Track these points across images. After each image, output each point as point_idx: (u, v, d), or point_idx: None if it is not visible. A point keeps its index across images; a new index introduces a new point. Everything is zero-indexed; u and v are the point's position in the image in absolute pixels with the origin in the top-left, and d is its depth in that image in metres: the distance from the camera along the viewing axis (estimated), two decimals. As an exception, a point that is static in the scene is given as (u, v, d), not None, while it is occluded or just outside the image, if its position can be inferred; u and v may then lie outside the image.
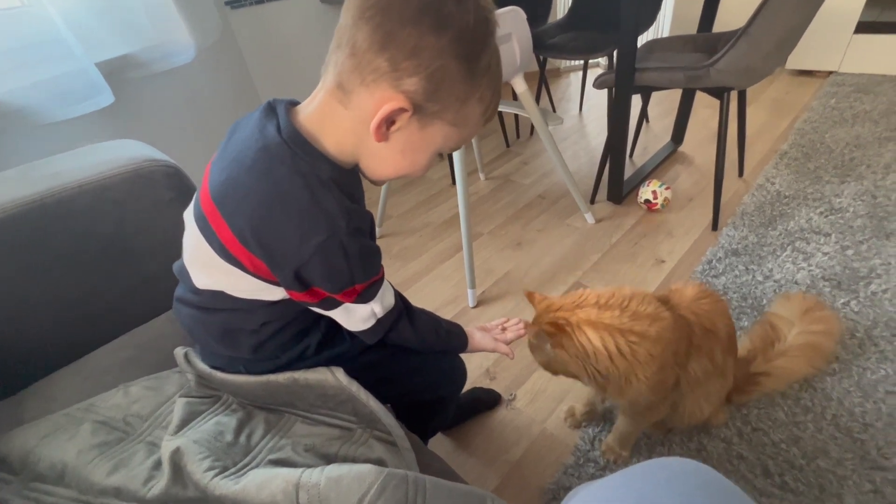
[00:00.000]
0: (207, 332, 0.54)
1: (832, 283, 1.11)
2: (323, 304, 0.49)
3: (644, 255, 1.34)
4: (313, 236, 0.42)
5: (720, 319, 0.71)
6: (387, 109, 0.40)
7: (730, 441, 0.84)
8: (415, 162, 0.47)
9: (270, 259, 0.44)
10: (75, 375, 0.65)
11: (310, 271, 0.44)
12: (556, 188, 1.74)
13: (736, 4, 1.89)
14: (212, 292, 0.50)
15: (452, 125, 0.45)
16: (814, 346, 0.84)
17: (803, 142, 1.72)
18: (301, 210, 0.42)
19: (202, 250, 0.46)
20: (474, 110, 0.45)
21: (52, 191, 0.64)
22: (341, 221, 0.42)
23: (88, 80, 1.10)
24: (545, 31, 1.93)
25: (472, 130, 0.48)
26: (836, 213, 1.34)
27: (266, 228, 0.42)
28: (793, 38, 1.20)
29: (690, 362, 0.68)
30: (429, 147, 0.46)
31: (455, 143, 0.48)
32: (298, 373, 0.52)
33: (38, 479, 0.50)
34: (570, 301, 0.66)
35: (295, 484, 0.40)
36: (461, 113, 0.44)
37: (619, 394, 0.67)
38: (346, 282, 0.46)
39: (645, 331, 0.60)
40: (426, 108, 0.42)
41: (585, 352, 0.61)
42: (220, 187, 0.44)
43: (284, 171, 0.42)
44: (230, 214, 0.43)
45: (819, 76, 2.27)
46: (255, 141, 0.43)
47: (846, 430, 0.82)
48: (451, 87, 0.41)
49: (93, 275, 0.70)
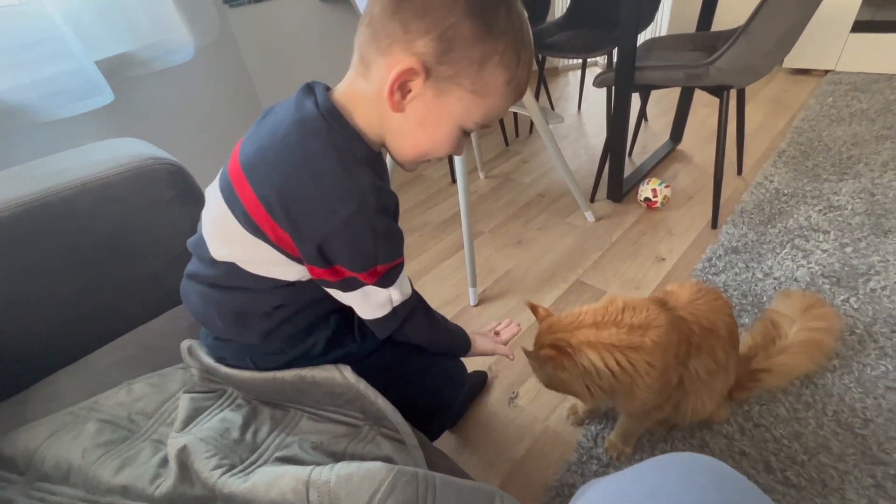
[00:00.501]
0: (220, 312, 0.53)
1: (831, 281, 1.12)
2: (343, 285, 0.48)
3: (644, 253, 1.34)
4: (342, 208, 0.41)
5: (719, 317, 0.71)
6: (397, 71, 0.39)
7: (732, 437, 0.84)
8: (435, 136, 0.45)
9: (295, 230, 0.43)
10: (78, 374, 0.65)
11: (334, 245, 0.43)
12: (555, 187, 1.74)
13: (734, 3, 1.90)
14: (228, 265, 0.49)
15: (472, 92, 0.42)
16: (814, 343, 0.84)
17: (801, 140, 1.73)
18: (333, 181, 0.41)
19: (225, 221, 0.46)
20: (496, 76, 0.42)
21: (55, 189, 0.64)
22: (371, 197, 0.42)
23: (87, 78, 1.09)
24: (544, 29, 1.93)
25: (497, 101, 0.44)
26: (834, 210, 1.34)
27: (294, 197, 0.42)
28: (791, 37, 1.21)
29: (692, 361, 0.69)
30: (448, 118, 0.44)
31: (479, 115, 0.45)
32: (305, 370, 0.52)
33: (44, 478, 0.50)
34: (569, 322, 0.66)
35: (305, 482, 0.40)
36: (480, 78, 0.41)
37: (626, 403, 0.68)
38: (369, 260, 0.45)
39: (641, 343, 0.61)
40: (440, 71, 0.40)
41: (587, 372, 0.62)
42: (252, 156, 0.44)
43: (320, 143, 0.42)
44: (258, 182, 0.43)
45: (816, 75, 2.29)
46: (293, 114, 0.43)
47: (847, 425, 0.83)
48: (464, 47, 0.39)
49: (95, 273, 0.70)
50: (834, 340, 0.86)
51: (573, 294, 1.24)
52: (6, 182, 0.66)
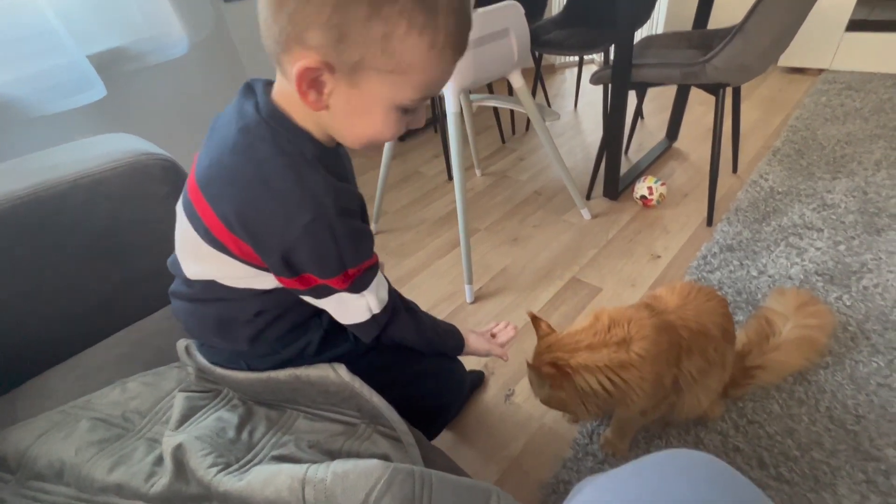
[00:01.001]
0: (202, 324, 0.53)
1: (825, 278, 1.13)
2: (314, 292, 0.47)
3: (640, 250, 1.35)
4: (299, 217, 0.40)
5: (710, 318, 0.71)
6: (297, 70, 0.36)
7: (726, 434, 0.85)
8: (371, 123, 0.41)
9: (256, 243, 0.42)
10: (70, 372, 0.64)
11: (298, 255, 0.42)
12: (552, 184, 1.74)
13: (730, 2, 1.90)
14: (203, 282, 0.49)
15: (390, 72, 0.37)
16: (808, 340, 0.85)
17: (796, 138, 1.74)
18: (286, 190, 0.40)
19: (190, 238, 0.46)
20: (410, 48, 0.36)
21: (47, 184, 0.63)
22: (328, 201, 0.40)
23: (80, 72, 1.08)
24: (541, 26, 1.93)
25: (426, 73, 0.38)
26: (828, 208, 1.35)
27: (251, 211, 0.41)
28: (787, 36, 1.21)
29: (684, 363, 0.69)
30: (376, 104, 0.40)
31: (412, 91, 0.39)
32: (300, 369, 0.52)
33: (36, 477, 0.49)
34: (567, 343, 0.67)
35: (301, 479, 0.40)
36: (391, 56, 0.36)
37: (622, 410, 0.70)
38: (336, 266, 0.44)
39: (629, 359, 0.63)
40: (343, 60, 0.36)
41: (585, 393, 0.64)
42: (205, 172, 0.43)
43: (267, 149, 0.40)
44: (214, 198, 0.42)
45: (811, 74, 2.30)
46: (236, 122, 0.41)
47: (839, 421, 0.84)
48: (359, 28, 0.34)
49: (87, 270, 0.69)
50: (827, 338, 0.87)
51: (569, 291, 1.24)
52: (-3, 177, 0.65)
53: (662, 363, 0.65)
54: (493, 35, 1.05)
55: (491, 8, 1.01)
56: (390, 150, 1.40)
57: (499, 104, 1.55)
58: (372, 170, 2.01)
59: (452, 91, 1.09)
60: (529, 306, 1.21)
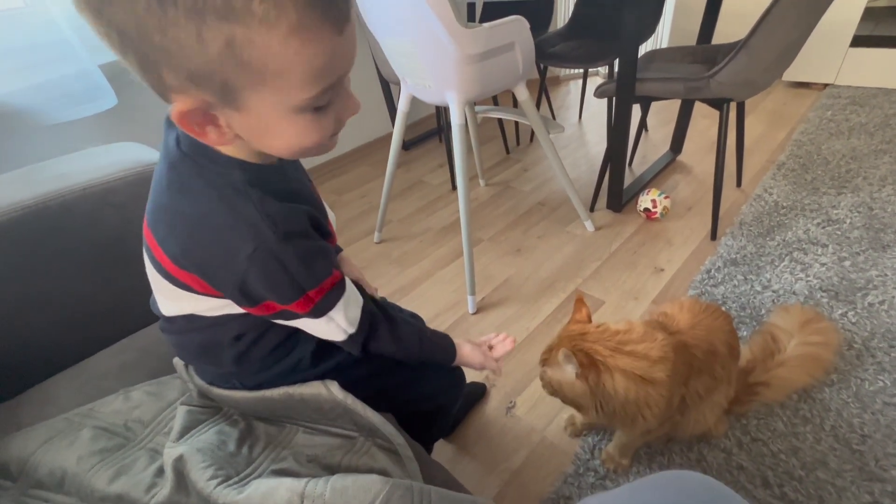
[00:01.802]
0: (188, 352, 0.54)
1: (830, 294, 1.12)
2: (282, 317, 0.46)
3: (643, 263, 1.34)
4: (240, 250, 0.39)
5: (719, 336, 0.71)
6: (175, 117, 0.33)
7: (729, 451, 0.84)
8: (286, 135, 0.37)
9: (209, 279, 0.42)
10: (74, 379, 0.65)
11: (251, 285, 0.41)
12: (555, 195, 1.74)
13: (735, 17, 1.92)
14: (181, 318, 0.49)
15: (262, 83, 0.32)
16: (813, 357, 0.84)
17: (800, 153, 1.74)
18: (222, 225, 0.39)
19: (157, 280, 0.45)
20: (263, 45, 0.30)
21: (57, 193, 0.64)
22: (266, 230, 0.38)
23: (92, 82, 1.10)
24: (546, 39, 1.95)
25: (305, 62, 0.32)
26: (833, 224, 1.35)
27: (195, 249, 0.40)
28: (791, 52, 1.22)
29: (692, 381, 0.69)
30: (274, 117, 0.35)
31: (304, 87, 0.34)
32: (293, 388, 0.51)
33: (38, 485, 0.49)
34: (606, 339, 0.65)
35: (300, 494, 0.40)
36: (247, 64, 0.30)
37: (625, 427, 0.70)
38: (294, 291, 0.42)
39: (659, 378, 0.62)
40: (208, 89, 0.32)
41: (607, 393, 0.63)
42: (151, 215, 0.43)
43: (196, 185, 0.39)
44: (162, 240, 0.42)
45: (815, 88, 2.30)
46: (163, 159, 0.41)
47: (845, 441, 0.83)
48: (192, 50, 0.29)
49: (93, 278, 0.70)
50: (832, 355, 0.86)
51: (572, 303, 1.24)
52: (9, 185, 0.66)
53: (676, 385, 0.65)
54: (499, 49, 1.06)
55: (497, 23, 1.02)
56: (395, 159, 1.41)
57: (503, 116, 1.57)
58: (377, 178, 2.03)
59: (458, 103, 1.10)
60: (532, 318, 1.21)
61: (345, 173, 2.13)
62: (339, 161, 2.26)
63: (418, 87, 1.18)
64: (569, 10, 2.46)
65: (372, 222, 1.66)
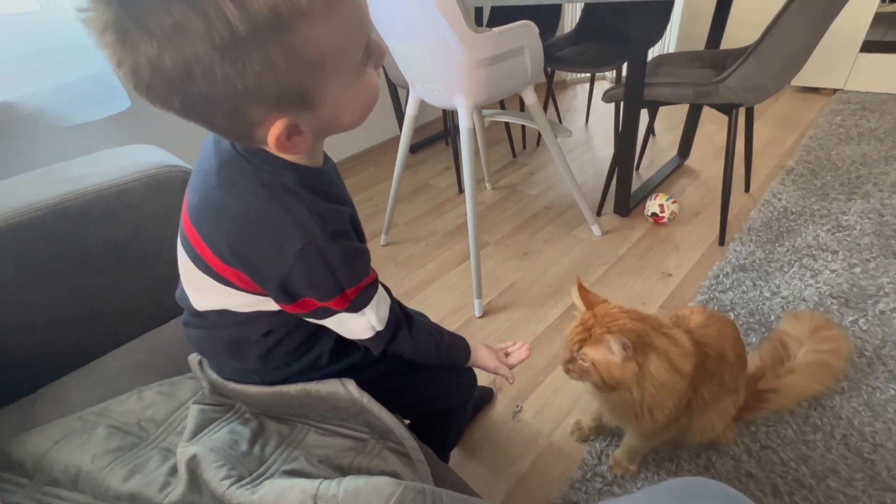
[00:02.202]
0: (214, 347, 0.54)
1: (840, 301, 1.11)
2: (315, 315, 0.47)
3: (651, 268, 1.34)
4: (289, 247, 0.40)
5: (728, 343, 0.71)
6: (273, 141, 0.36)
7: (739, 458, 0.83)
8: (354, 102, 0.39)
9: (254, 274, 0.43)
10: (87, 378, 0.66)
11: (294, 282, 0.42)
12: (562, 199, 1.74)
13: (743, 22, 1.91)
14: (214, 312, 0.50)
15: (326, 71, 0.35)
16: (823, 365, 0.84)
17: (809, 158, 1.73)
18: (272, 222, 0.40)
19: (194, 273, 0.46)
20: (316, 35, 0.32)
21: (74, 194, 0.65)
22: (315, 228, 0.40)
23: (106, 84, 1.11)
24: (554, 43, 1.95)
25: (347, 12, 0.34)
26: (843, 230, 1.34)
27: (243, 245, 0.42)
28: (801, 58, 1.21)
29: (702, 386, 0.69)
30: (344, 96, 0.38)
31: (352, 37, 0.36)
32: (310, 384, 0.52)
33: (52, 483, 0.50)
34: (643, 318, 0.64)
35: (313, 495, 0.40)
36: (311, 67, 0.33)
37: (634, 422, 0.68)
38: (333, 288, 0.44)
39: (684, 370, 0.62)
40: (291, 104, 0.35)
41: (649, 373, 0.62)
42: (195, 210, 0.44)
43: (248, 183, 0.40)
44: (208, 235, 0.43)
45: (825, 93, 2.29)
46: (215, 158, 0.42)
47: (856, 449, 0.82)
48: (269, 76, 0.32)
49: (107, 278, 0.71)
50: (842, 362, 0.86)
51: (579, 308, 1.24)
52: (27, 186, 0.67)
53: (691, 383, 0.65)
54: (509, 53, 1.07)
55: (507, 27, 1.03)
56: (402, 162, 1.42)
57: (511, 120, 1.57)
58: (384, 181, 2.04)
59: (466, 107, 1.10)
60: (538, 322, 1.21)
61: (352, 176, 2.14)
62: (346, 163, 2.28)
63: (427, 91, 1.18)
64: (576, 14, 2.47)
65: (378, 225, 1.67)
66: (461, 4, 0.94)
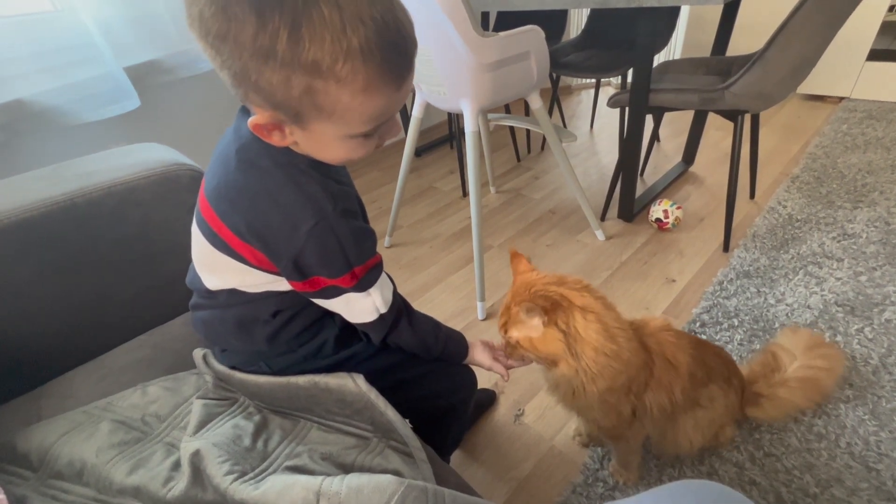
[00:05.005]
0: (224, 327, 0.55)
1: (845, 309, 1.11)
2: (324, 294, 0.49)
3: (654, 273, 1.34)
4: (303, 223, 0.43)
5: (682, 355, 0.68)
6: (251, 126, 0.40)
7: (742, 465, 0.83)
8: (336, 152, 0.43)
9: (269, 250, 0.45)
10: (93, 373, 0.66)
11: (306, 258, 0.45)
12: (566, 204, 1.75)
13: (749, 30, 1.92)
14: (225, 291, 0.51)
15: (330, 118, 0.38)
16: (813, 381, 0.81)
17: (815, 166, 1.73)
18: (287, 200, 0.43)
19: (208, 253, 0.49)
20: (337, 95, 0.36)
21: (83, 191, 0.66)
22: (328, 205, 0.43)
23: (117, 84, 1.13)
24: (559, 49, 1.96)
25: (367, 108, 0.38)
26: (848, 238, 1.33)
27: (259, 222, 0.44)
28: (808, 65, 1.22)
29: (648, 394, 0.66)
30: (332, 140, 0.41)
31: (362, 124, 0.40)
32: (319, 376, 0.53)
33: (57, 476, 0.50)
34: (564, 281, 0.61)
35: (316, 492, 0.40)
36: (321, 106, 0.37)
37: (570, 400, 0.64)
38: (342, 265, 0.47)
39: (620, 350, 0.58)
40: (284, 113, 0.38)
41: (579, 336, 0.57)
42: (214, 191, 0.46)
43: (265, 164, 0.43)
44: (225, 214, 0.45)
45: (830, 101, 2.29)
46: (234, 142, 0.45)
47: (861, 458, 0.81)
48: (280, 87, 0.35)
49: (115, 274, 0.71)
50: (833, 383, 0.83)
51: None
52: (37, 182, 0.68)
53: (625, 379, 0.62)
54: (515, 58, 1.07)
55: (514, 32, 1.04)
56: (407, 165, 1.42)
57: (516, 124, 1.58)
58: (388, 183, 2.04)
59: (472, 111, 1.11)
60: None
61: (357, 178, 2.15)
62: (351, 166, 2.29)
63: (433, 94, 1.19)
64: (582, 20, 2.48)
65: (382, 227, 1.67)
66: (468, 9, 0.95)
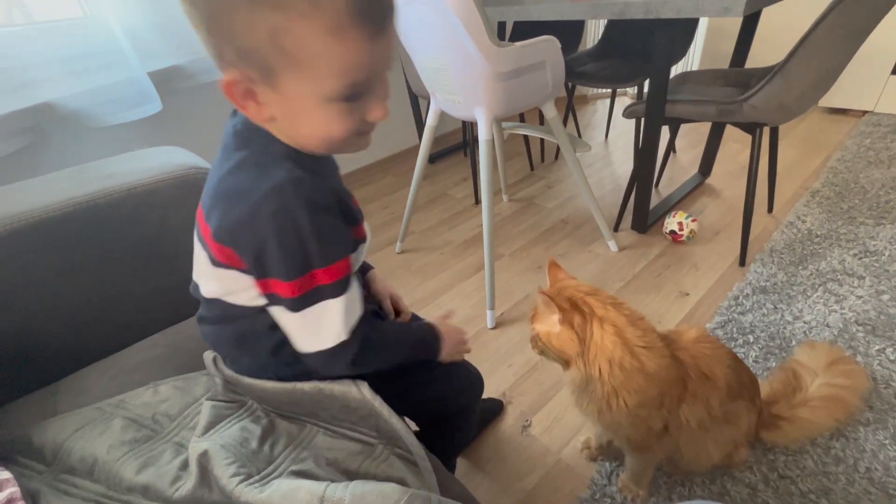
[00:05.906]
0: (226, 343, 0.56)
1: (866, 329, 1.07)
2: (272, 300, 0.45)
3: (668, 286, 1.32)
4: (264, 209, 0.40)
5: (719, 367, 0.67)
6: (222, 86, 0.39)
7: (755, 487, 0.80)
8: (314, 125, 0.41)
9: (237, 246, 0.43)
10: (107, 370, 0.67)
11: (268, 252, 0.41)
12: (579, 213, 1.73)
13: (768, 41, 1.89)
14: (218, 303, 0.51)
15: (298, 67, 0.37)
16: (837, 399, 0.79)
17: (836, 181, 1.69)
18: (251, 186, 0.41)
19: (202, 260, 0.49)
20: (303, 37, 0.35)
21: (104, 192, 0.67)
22: (289, 191, 0.40)
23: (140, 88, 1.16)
24: (576, 58, 1.96)
25: (339, 57, 0.36)
26: (870, 255, 1.30)
27: (228, 217, 0.42)
28: (830, 78, 1.19)
29: (684, 408, 0.65)
30: (306, 103, 0.39)
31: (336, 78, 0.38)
32: (325, 383, 0.53)
33: (69, 471, 0.51)
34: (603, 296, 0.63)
35: (320, 497, 0.40)
36: (287, 50, 0.36)
37: (599, 414, 0.64)
38: (301, 263, 0.42)
39: (642, 366, 0.60)
40: (254, 67, 0.37)
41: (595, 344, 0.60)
42: (203, 197, 0.47)
43: (239, 155, 0.43)
44: (207, 215, 0.45)
45: (853, 115, 2.24)
46: (222, 143, 0.46)
47: (881, 485, 0.78)
48: (244, 30, 0.35)
49: (132, 274, 0.73)
50: (858, 400, 0.80)
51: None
52: (60, 183, 0.70)
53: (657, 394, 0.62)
54: (530, 67, 1.07)
55: (529, 42, 1.04)
56: (420, 171, 1.43)
57: (530, 133, 1.57)
58: (401, 189, 2.06)
59: (486, 119, 1.11)
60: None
61: (369, 183, 2.17)
62: (364, 171, 2.31)
63: (447, 102, 1.20)
64: (599, 30, 2.48)
65: (394, 232, 1.68)
66: (484, 19, 0.96)
